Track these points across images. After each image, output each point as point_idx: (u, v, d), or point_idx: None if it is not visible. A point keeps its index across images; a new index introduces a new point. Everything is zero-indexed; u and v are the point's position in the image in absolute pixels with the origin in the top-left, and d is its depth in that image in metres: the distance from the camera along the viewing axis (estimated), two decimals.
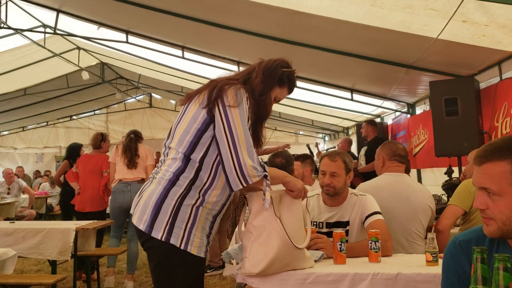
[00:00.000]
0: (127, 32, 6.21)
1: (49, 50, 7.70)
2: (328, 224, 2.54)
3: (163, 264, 1.76)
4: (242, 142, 1.71)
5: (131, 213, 1.84)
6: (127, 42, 6.35)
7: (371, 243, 2.15)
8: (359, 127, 7.72)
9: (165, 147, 1.87)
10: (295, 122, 11.38)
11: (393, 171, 2.90)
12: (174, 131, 1.84)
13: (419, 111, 6.57)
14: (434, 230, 2.70)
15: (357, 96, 6.83)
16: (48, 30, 7.02)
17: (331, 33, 4.44)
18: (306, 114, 9.87)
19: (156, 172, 1.84)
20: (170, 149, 1.83)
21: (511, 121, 4.03)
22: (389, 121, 8.10)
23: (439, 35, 3.67)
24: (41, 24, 7.11)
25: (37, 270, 5.53)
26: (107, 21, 6.18)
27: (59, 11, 6.21)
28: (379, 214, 2.42)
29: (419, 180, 6.45)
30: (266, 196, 1.76)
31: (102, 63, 9.90)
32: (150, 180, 1.85)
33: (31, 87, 9.53)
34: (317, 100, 7.80)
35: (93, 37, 6.90)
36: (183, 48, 6.21)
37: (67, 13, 6.23)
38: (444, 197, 4.45)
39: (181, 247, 1.72)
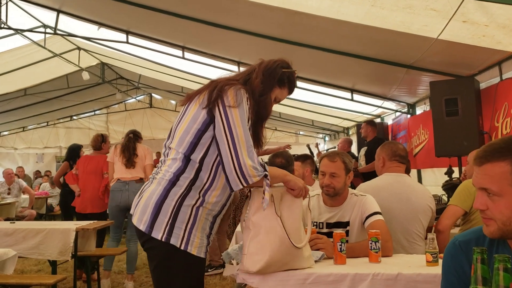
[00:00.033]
0: (127, 32, 6.22)
1: (49, 51, 7.71)
2: (328, 225, 2.54)
3: (163, 265, 1.76)
4: (242, 143, 1.71)
5: (131, 213, 1.84)
6: (127, 42, 6.36)
7: (371, 243, 2.15)
8: (359, 127, 7.72)
9: (165, 148, 1.87)
10: (295, 122, 11.38)
11: (393, 171, 2.90)
12: (174, 131, 1.84)
13: (419, 111, 6.57)
14: (434, 231, 2.71)
15: (357, 96, 6.83)
16: (49, 30, 7.02)
17: (331, 33, 4.44)
18: (306, 114, 9.87)
19: (156, 173, 1.84)
20: (170, 149, 1.83)
21: (511, 121, 4.03)
22: (389, 121, 8.10)
23: (439, 35, 3.67)
24: (41, 24, 7.12)
25: (37, 270, 5.53)
26: (107, 21, 6.19)
27: (59, 11, 6.22)
28: (379, 215, 2.42)
29: (419, 180, 6.45)
30: (265, 196, 1.76)
31: (103, 63, 9.91)
32: (150, 180, 1.85)
33: (31, 87, 9.53)
34: (317, 100, 7.80)
35: (93, 37, 6.91)
36: (183, 48, 6.22)
37: (67, 13, 6.24)
38: (444, 197, 4.45)
39: (181, 248, 1.72)
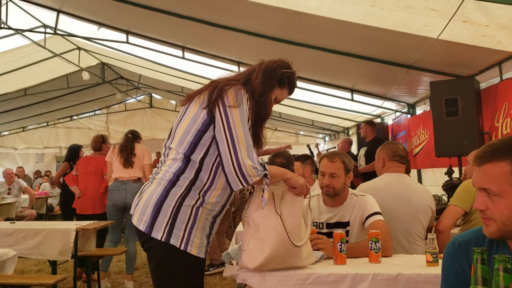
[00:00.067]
0: (127, 33, 6.22)
1: (49, 51, 7.71)
2: (329, 225, 2.54)
3: (163, 265, 1.76)
4: (241, 143, 1.71)
5: (131, 213, 1.84)
6: (127, 42, 6.36)
7: (371, 243, 2.15)
8: (359, 127, 7.72)
9: (165, 148, 1.87)
10: (295, 122, 11.38)
11: (393, 171, 2.90)
12: (175, 131, 1.84)
13: (419, 111, 6.57)
14: (434, 231, 2.71)
15: (357, 96, 6.83)
16: (49, 30, 7.02)
17: (331, 33, 4.44)
18: (306, 114, 9.87)
19: (156, 173, 1.84)
20: (170, 149, 1.83)
21: (511, 121, 4.03)
22: (389, 121, 8.10)
23: (439, 35, 3.66)
24: (41, 24, 7.11)
25: (37, 271, 5.53)
26: (107, 21, 6.19)
27: (59, 11, 6.22)
28: (379, 215, 2.42)
29: (420, 180, 6.45)
30: (264, 195, 1.76)
31: (103, 63, 9.91)
32: (150, 180, 1.85)
33: (31, 87, 9.53)
34: (317, 100, 7.80)
35: (93, 37, 6.91)
36: (183, 48, 6.22)
37: (68, 13, 6.24)
38: (445, 198, 4.45)
39: (181, 248, 1.72)
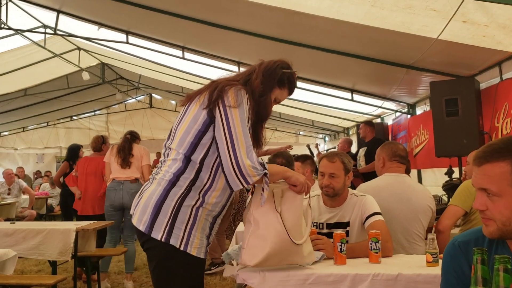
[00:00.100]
0: (127, 33, 6.22)
1: (49, 51, 7.71)
2: (329, 225, 2.54)
3: (163, 265, 1.76)
4: (241, 143, 1.70)
5: (131, 213, 1.84)
6: (127, 42, 6.36)
7: (371, 243, 2.14)
8: (359, 127, 7.72)
9: (165, 148, 1.86)
10: (295, 122, 11.38)
11: (393, 171, 2.90)
12: (175, 132, 1.84)
13: (419, 111, 6.57)
14: (434, 231, 2.71)
15: (357, 97, 6.83)
16: (49, 30, 7.02)
17: (331, 33, 4.44)
18: (306, 115, 9.87)
19: (156, 173, 1.84)
20: (170, 150, 1.83)
21: (511, 121, 4.03)
22: (389, 121, 8.10)
23: (439, 35, 3.66)
24: (41, 24, 7.12)
25: (37, 271, 5.53)
26: (107, 22, 6.19)
27: (59, 11, 6.22)
28: (379, 215, 2.42)
29: (420, 180, 6.45)
30: (263, 194, 1.76)
31: (103, 64, 9.91)
32: (150, 180, 1.85)
33: (31, 87, 9.54)
34: (317, 100, 7.80)
35: (93, 37, 6.92)
36: (183, 48, 6.22)
37: (67, 13, 6.24)
38: (445, 198, 4.45)
39: (181, 248, 1.72)
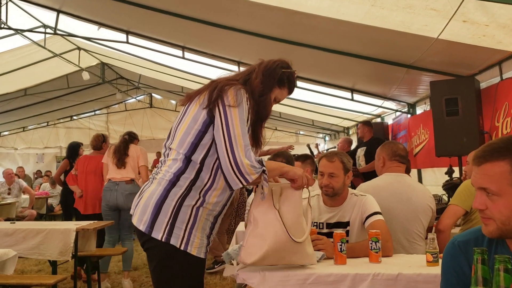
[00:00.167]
0: (127, 32, 6.21)
1: (49, 51, 7.71)
2: (329, 225, 2.54)
3: (163, 265, 1.76)
4: (239, 142, 1.70)
5: (131, 213, 1.84)
6: (127, 42, 6.36)
7: (371, 243, 2.14)
8: (357, 127, 7.73)
9: (165, 148, 1.86)
10: (295, 122, 11.38)
11: (393, 171, 2.89)
12: (175, 132, 1.83)
13: (419, 111, 6.57)
14: (435, 230, 2.71)
15: (357, 96, 6.82)
16: (49, 30, 7.02)
17: (331, 33, 4.44)
18: (306, 114, 9.86)
19: (156, 173, 1.84)
20: (170, 150, 1.82)
21: (511, 121, 4.03)
22: (389, 121, 8.10)
23: (439, 35, 3.66)
24: (41, 24, 7.12)
25: (37, 271, 5.53)
26: (107, 21, 6.19)
27: (59, 11, 6.22)
28: (379, 215, 2.42)
29: (420, 180, 6.45)
30: (263, 190, 1.77)
31: (103, 63, 9.91)
32: (150, 180, 1.85)
33: (31, 87, 9.54)
34: (317, 100, 7.80)
35: (93, 37, 6.91)
36: (183, 48, 6.21)
37: (67, 13, 6.23)
38: (445, 197, 4.45)
39: (181, 248, 1.72)
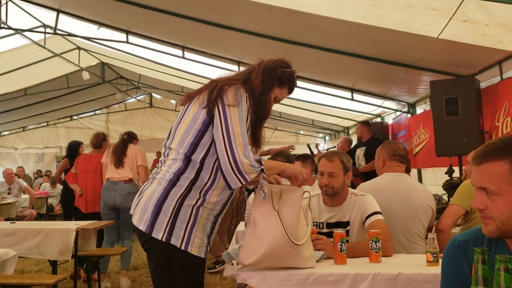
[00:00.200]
0: (127, 32, 6.21)
1: (49, 50, 7.71)
2: (329, 225, 2.54)
3: (163, 265, 1.76)
4: (238, 141, 1.70)
5: (131, 213, 1.84)
6: (127, 42, 6.35)
7: (371, 243, 2.14)
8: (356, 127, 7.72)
9: (165, 148, 1.86)
10: (295, 122, 11.38)
11: (393, 171, 2.89)
12: (175, 131, 1.83)
13: (419, 110, 6.57)
14: (435, 230, 2.71)
15: (357, 96, 6.82)
16: (48, 30, 7.02)
17: (331, 33, 4.44)
18: (306, 114, 9.86)
19: (156, 173, 1.84)
20: (170, 149, 1.82)
21: (511, 121, 4.03)
22: (389, 120, 8.09)
23: (439, 34, 3.66)
24: (41, 24, 7.11)
25: (37, 270, 5.53)
26: (107, 21, 6.19)
27: (59, 11, 6.21)
28: (379, 214, 2.42)
29: (420, 180, 6.45)
30: (263, 189, 1.76)
31: (103, 63, 9.91)
32: (150, 180, 1.85)
33: (31, 87, 9.53)
34: (317, 99, 7.80)
35: (93, 37, 6.91)
36: (183, 48, 6.21)
37: (67, 13, 6.23)
38: (445, 197, 4.45)
39: (182, 248, 1.72)
